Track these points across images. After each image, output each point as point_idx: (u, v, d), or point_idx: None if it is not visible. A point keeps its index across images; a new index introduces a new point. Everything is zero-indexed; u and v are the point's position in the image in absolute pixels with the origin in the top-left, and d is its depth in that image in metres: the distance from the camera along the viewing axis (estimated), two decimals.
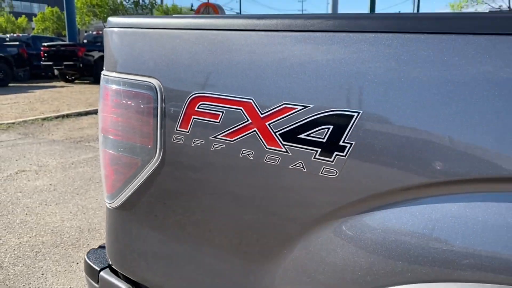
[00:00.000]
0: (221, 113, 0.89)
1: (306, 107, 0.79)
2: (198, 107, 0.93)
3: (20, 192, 4.16)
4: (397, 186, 0.71)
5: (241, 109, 0.86)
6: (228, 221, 0.94)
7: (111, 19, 1.14)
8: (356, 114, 0.74)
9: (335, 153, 0.76)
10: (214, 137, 0.91)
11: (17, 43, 16.54)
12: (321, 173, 0.78)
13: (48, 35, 27.43)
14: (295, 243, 0.84)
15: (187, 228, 1.03)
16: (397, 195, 0.72)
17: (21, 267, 2.79)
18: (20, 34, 24.31)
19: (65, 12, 9.52)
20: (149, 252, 1.11)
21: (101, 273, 1.22)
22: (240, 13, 57.97)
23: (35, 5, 54.93)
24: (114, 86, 1.08)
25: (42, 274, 2.72)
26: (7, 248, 3.04)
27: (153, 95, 0.99)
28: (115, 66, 1.09)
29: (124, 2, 30.58)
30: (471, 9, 27.69)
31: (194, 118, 0.93)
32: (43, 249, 3.02)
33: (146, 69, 1.02)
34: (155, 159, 1.02)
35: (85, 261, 1.29)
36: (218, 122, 0.90)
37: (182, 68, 0.96)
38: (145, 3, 31.80)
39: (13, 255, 2.94)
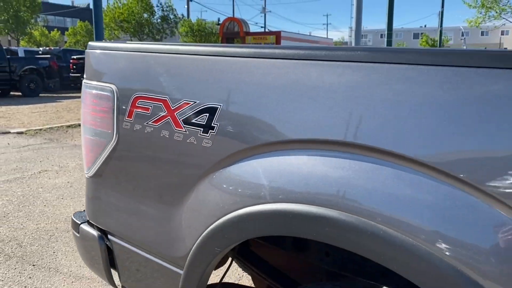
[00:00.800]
0: (150, 107, 1.35)
1: (195, 102, 1.24)
2: (137, 104, 1.39)
3: (41, 187, 4.71)
4: (244, 147, 1.15)
5: (161, 104, 1.32)
6: (157, 179, 1.40)
7: (90, 43, 1.63)
8: (219, 106, 1.19)
9: (210, 131, 1.21)
10: (146, 123, 1.37)
11: (49, 56, 17.55)
12: (203, 144, 1.23)
13: (78, 49, 28.72)
14: (191, 191, 1.29)
15: (136, 188, 1.48)
16: (246, 153, 1.16)
17: (36, 246, 3.29)
18: (52, 47, 25.60)
19: (93, 26, 10.23)
20: (113, 207, 1.57)
21: (81, 225, 1.69)
22: (264, 27, 59.04)
23: (68, 19, 57.27)
24: (89, 90, 1.56)
25: (54, 252, 3.21)
26: (26, 232, 3.56)
27: (112, 96, 1.46)
28: (90, 75, 1.57)
29: (150, 18, 31.70)
30: (489, 24, 27.58)
31: (135, 111, 1.40)
32: (56, 234, 3.52)
33: (108, 78, 1.49)
34: (113, 140, 1.48)
35: (71, 219, 1.77)
36: (149, 113, 1.36)
37: (129, 78, 1.43)
38: (170, 18, 32.86)
39: (31, 237, 3.45)
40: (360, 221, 0.93)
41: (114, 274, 1.64)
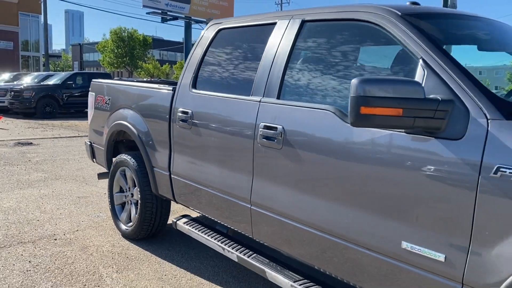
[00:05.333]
0: (107, 99, 4.36)
1: (115, 100, 4.22)
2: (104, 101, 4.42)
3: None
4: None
5: (110, 98, 4.32)
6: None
7: (95, 81, 4.70)
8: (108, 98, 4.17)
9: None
10: (107, 111, 4.38)
11: None
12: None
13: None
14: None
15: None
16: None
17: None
18: (160, 78, 30.74)
19: (184, 60, 13.87)
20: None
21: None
22: None
23: (178, 54, 64.92)
24: (92, 96, 4.62)
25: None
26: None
27: (110, 100, 4.50)
28: (97, 90, 4.64)
29: None
30: None
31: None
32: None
33: (114, 95, 4.54)
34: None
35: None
36: (108, 104, 4.36)
37: (123, 96, 4.47)
38: None
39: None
40: None
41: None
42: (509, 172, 1.56)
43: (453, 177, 1.71)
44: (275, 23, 2.74)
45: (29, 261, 3.42)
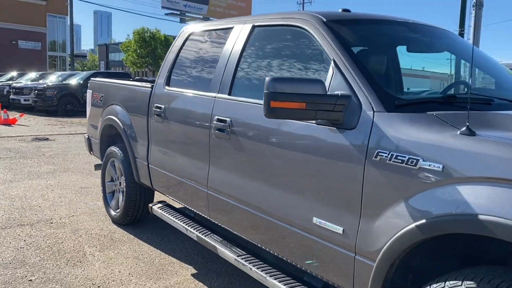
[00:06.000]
0: (101, 96, 4.76)
1: (107, 97, 4.62)
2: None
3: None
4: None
5: (103, 95, 4.72)
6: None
7: (92, 80, 5.12)
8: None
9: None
10: (100, 107, 4.78)
11: None
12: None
13: None
14: None
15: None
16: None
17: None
18: None
19: None
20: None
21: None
22: None
23: None
24: (90, 93, 5.03)
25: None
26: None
27: (103, 98, 4.91)
28: (93, 88, 5.05)
29: None
30: None
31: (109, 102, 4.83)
32: None
33: (106, 92, 4.94)
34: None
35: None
36: (101, 100, 4.76)
37: (112, 93, 4.87)
38: None
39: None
40: None
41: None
42: (385, 156, 1.84)
43: (348, 161, 2.00)
44: (232, 28, 3.06)
45: (24, 240, 3.84)
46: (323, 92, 2.02)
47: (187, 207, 3.38)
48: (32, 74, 22.77)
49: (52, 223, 4.34)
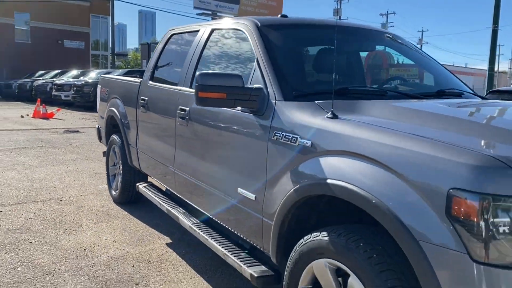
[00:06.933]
0: (106, 90, 5.38)
1: (110, 91, 5.22)
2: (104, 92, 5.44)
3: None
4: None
5: (108, 90, 5.33)
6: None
7: (102, 76, 5.74)
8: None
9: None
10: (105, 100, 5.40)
11: None
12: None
13: None
14: None
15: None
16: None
17: None
18: None
19: None
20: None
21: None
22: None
23: None
24: (99, 88, 5.66)
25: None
26: None
27: (107, 92, 5.53)
28: (102, 84, 5.67)
29: None
30: None
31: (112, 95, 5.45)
32: None
33: (110, 87, 5.57)
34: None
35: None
36: (106, 94, 5.38)
37: (114, 88, 5.49)
38: None
39: None
40: None
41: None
42: (279, 136, 2.28)
43: (258, 141, 2.45)
44: (198, 30, 3.56)
45: (34, 213, 4.49)
46: (241, 85, 2.48)
47: (164, 184, 3.91)
48: (74, 72, 24.10)
49: (61, 201, 4.99)
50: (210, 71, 2.73)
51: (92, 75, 21.14)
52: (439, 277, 1.52)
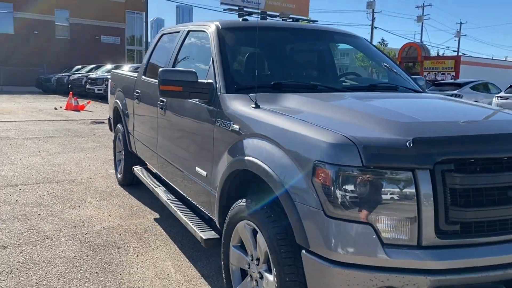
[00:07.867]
0: (114, 84, 5.97)
1: (116, 85, 5.81)
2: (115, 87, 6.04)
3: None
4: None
5: (115, 83, 5.93)
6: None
7: (113, 71, 6.34)
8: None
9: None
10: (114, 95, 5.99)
11: None
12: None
13: None
14: None
15: None
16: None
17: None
18: None
19: None
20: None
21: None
22: (457, 51, 58.04)
23: None
24: (110, 82, 6.27)
25: None
26: None
27: (115, 85, 6.13)
28: (111, 78, 6.28)
29: None
30: None
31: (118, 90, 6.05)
32: None
33: (116, 81, 6.17)
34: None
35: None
36: (114, 88, 5.97)
37: (119, 82, 6.09)
38: None
39: None
40: None
41: None
42: (220, 122, 2.76)
43: (208, 127, 2.93)
44: (179, 31, 4.06)
45: (47, 191, 5.14)
46: (195, 80, 2.96)
47: (154, 168, 4.46)
48: (108, 66, 25.20)
49: (73, 182, 5.63)
50: (170, 68, 3.22)
51: (125, 69, 22.11)
52: (305, 227, 1.96)
